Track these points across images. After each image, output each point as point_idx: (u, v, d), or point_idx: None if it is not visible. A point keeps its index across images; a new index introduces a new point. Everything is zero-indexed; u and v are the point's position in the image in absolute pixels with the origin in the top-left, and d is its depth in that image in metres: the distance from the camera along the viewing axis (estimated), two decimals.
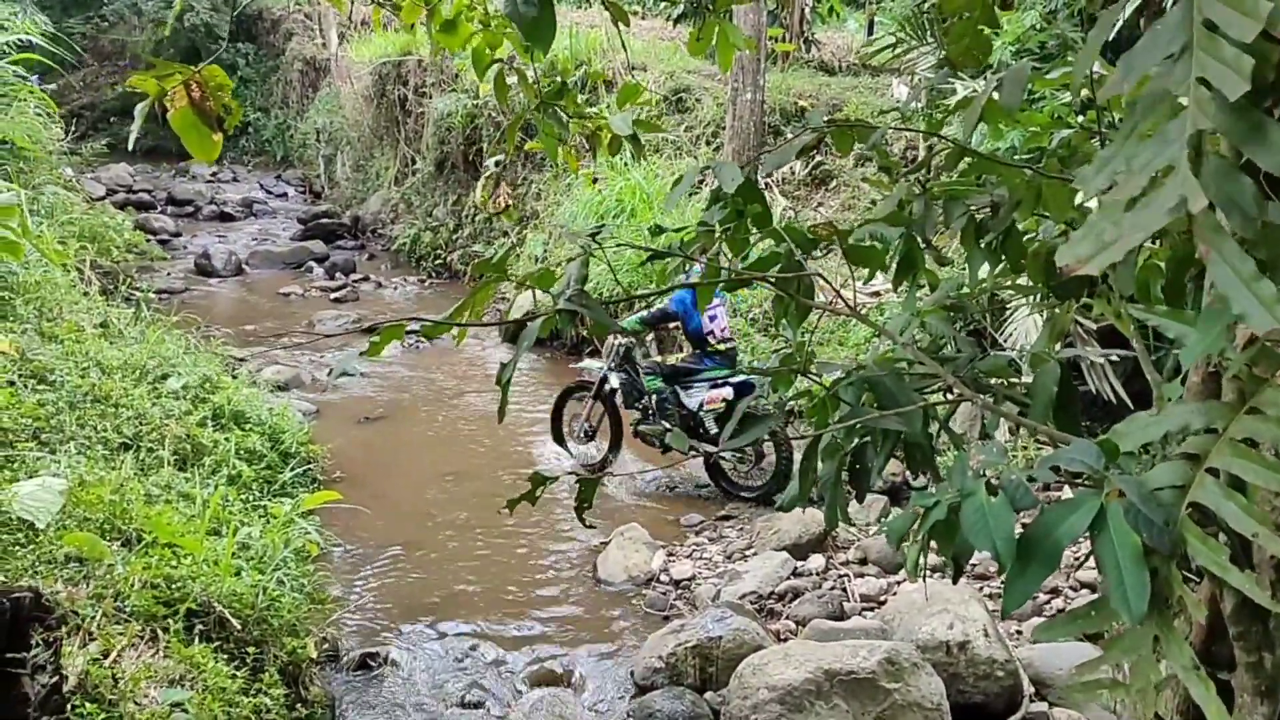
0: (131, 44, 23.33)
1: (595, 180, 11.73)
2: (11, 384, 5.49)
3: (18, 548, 4.06)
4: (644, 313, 8.02)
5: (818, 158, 11.18)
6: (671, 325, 8.39)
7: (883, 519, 6.82)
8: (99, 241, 10.53)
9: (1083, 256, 1.13)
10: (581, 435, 8.07)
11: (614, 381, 7.84)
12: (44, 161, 10.61)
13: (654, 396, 7.80)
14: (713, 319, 7.66)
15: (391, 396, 9.94)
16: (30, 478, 4.48)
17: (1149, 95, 1.17)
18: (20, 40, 12.86)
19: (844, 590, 6.09)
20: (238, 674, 4.14)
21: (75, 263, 8.95)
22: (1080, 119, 2.69)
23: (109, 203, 15.49)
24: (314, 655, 4.91)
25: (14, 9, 14.07)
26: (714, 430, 7.51)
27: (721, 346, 7.69)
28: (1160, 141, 1.11)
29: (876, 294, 8.46)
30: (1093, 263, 1.11)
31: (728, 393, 7.44)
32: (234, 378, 7.83)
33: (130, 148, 3.66)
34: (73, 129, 12.06)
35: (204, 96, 2.41)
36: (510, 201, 13.40)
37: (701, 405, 7.59)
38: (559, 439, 8.16)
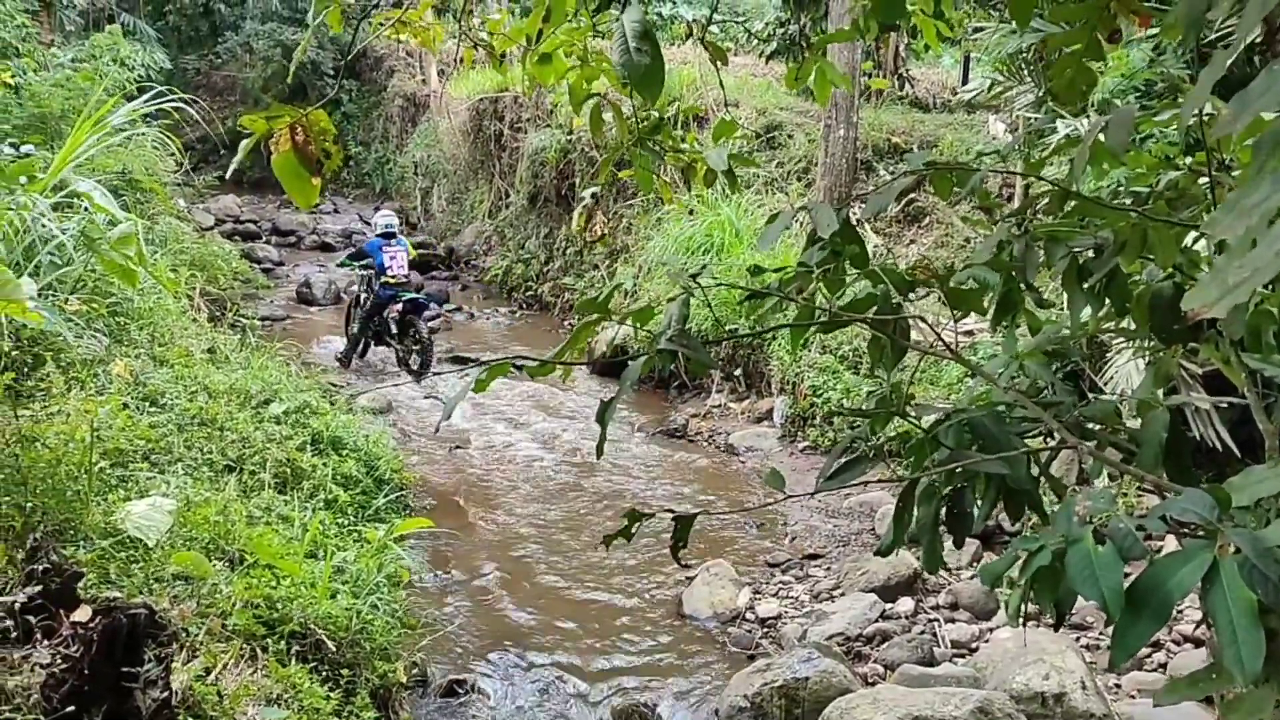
0: (242, 80, 24.31)
1: (691, 212, 11.80)
2: (126, 406, 5.73)
3: (132, 565, 4.23)
4: (350, 251, 12.69)
5: (911, 194, 11.08)
6: (363, 261, 11.59)
7: (975, 563, 6.68)
8: (208, 270, 10.94)
9: (1209, 301, 1.11)
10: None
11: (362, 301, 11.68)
12: (159, 193, 11.08)
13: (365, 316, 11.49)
14: (392, 259, 11.22)
15: (480, 425, 10.09)
16: (142, 497, 4.67)
17: (1269, 136, 1.16)
18: (139, 77, 13.53)
19: (934, 635, 5.97)
20: (331, 695, 4.24)
21: (186, 290, 9.31)
22: (1188, 160, 2.64)
23: (218, 232, 16.11)
24: (404, 680, 5.00)
25: (136, 48, 14.81)
26: (394, 331, 11.24)
27: (393, 280, 11.18)
28: (1275, 182, 1.10)
29: (969, 333, 8.34)
30: (1218, 306, 1.10)
31: (400, 305, 11.09)
32: (331, 404, 8.04)
33: (227, 176, 3.85)
34: (185, 161, 12.59)
35: (307, 140, 2.48)
36: (605, 230, 13.61)
37: (389, 314, 11.21)
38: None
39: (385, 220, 11.67)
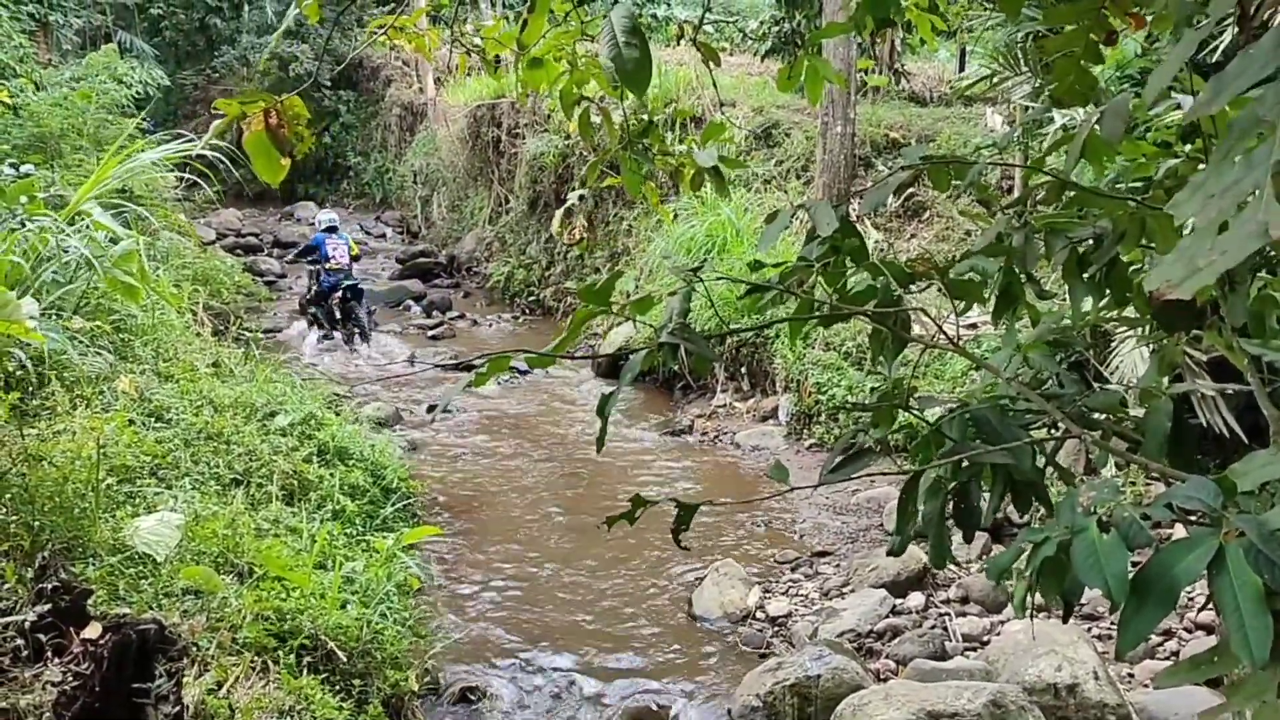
0: (240, 93, 24.34)
1: (675, 216, 11.79)
2: (131, 423, 5.74)
3: (141, 581, 4.23)
4: (297, 249, 14.04)
5: (910, 189, 11.06)
6: (311, 256, 13.30)
7: (984, 556, 6.67)
8: (210, 284, 10.96)
9: (1173, 281, 1.11)
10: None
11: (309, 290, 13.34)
12: (160, 209, 11.10)
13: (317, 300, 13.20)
14: (335, 249, 12.92)
15: (489, 431, 10.10)
16: (149, 513, 4.68)
17: (1242, 119, 1.16)
18: (138, 94, 13.58)
19: (945, 629, 5.96)
20: (344, 706, 4.24)
21: (189, 305, 9.33)
22: (1186, 147, 2.63)
23: (219, 246, 16.13)
24: (416, 688, 5.00)
25: (134, 64, 14.85)
26: (337, 315, 12.98)
27: (334, 267, 12.86)
28: (1246, 166, 1.10)
29: (973, 326, 8.33)
30: (1183, 287, 1.10)
31: (341, 292, 12.84)
32: (337, 414, 8.05)
33: (197, 151, 3.86)
34: (185, 177, 12.66)
35: (280, 124, 2.51)
36: (585, 234, 13.66)
37: (333, 301, 12.91)
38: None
39: (328, 217, 13.75)
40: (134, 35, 22.67)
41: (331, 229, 13.21)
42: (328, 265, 12.90)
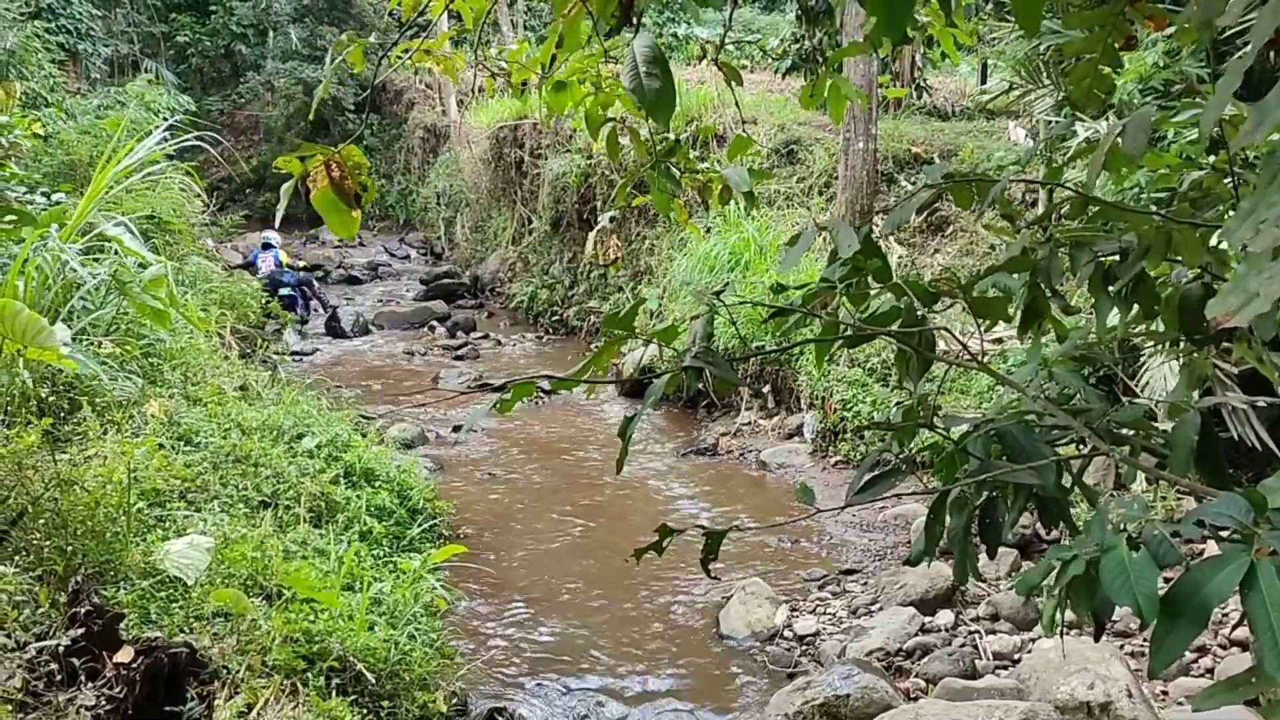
0: (265, 119, 24.64)
1: (708, 230, 11.82)
2: (161, 446, 5.79)
3: (172, 604, 4.26)
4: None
5: (932, 205, 11.03)
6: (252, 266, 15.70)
7: (1013, 573, 6.61)
8: (237, 307, 11.06)
9: (1232, 309, 1.12)
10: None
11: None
12: (187, 234, 11.23)
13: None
14: (263, 262, 15.60)
15: (513, 451, 10.12)
16: (179, 536, 4.72)
17: None
18: (165, 119, 13.76)
19: (975, 647, 5.91)
20: None
21: (216, 328, 9.41)
22: (1211, 159, 2.62)
23: (246, 270, 16.30)
24: (443, 710, 5.00)
25: (160, 91, 15.07)
26: (288, 313, 15.03)
27: (262, 278, 14.81)
28: None
29: (998, 340, 8.28)
30: (1241, 314, 1.10)
31: (278, 296, 14.72)
32: (363, 436, 8.08)
33: (276, 224, 3.92)
34: (212, 201, 12.88)
35: (343, 175, 2.52)
36: (619, 254, 13.77)
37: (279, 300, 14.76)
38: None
39: (264, 237, 16.29)
40: (160, 63, 23.00)
41: (266, 246, 15.99)
42: (258, 275, 15.19)
